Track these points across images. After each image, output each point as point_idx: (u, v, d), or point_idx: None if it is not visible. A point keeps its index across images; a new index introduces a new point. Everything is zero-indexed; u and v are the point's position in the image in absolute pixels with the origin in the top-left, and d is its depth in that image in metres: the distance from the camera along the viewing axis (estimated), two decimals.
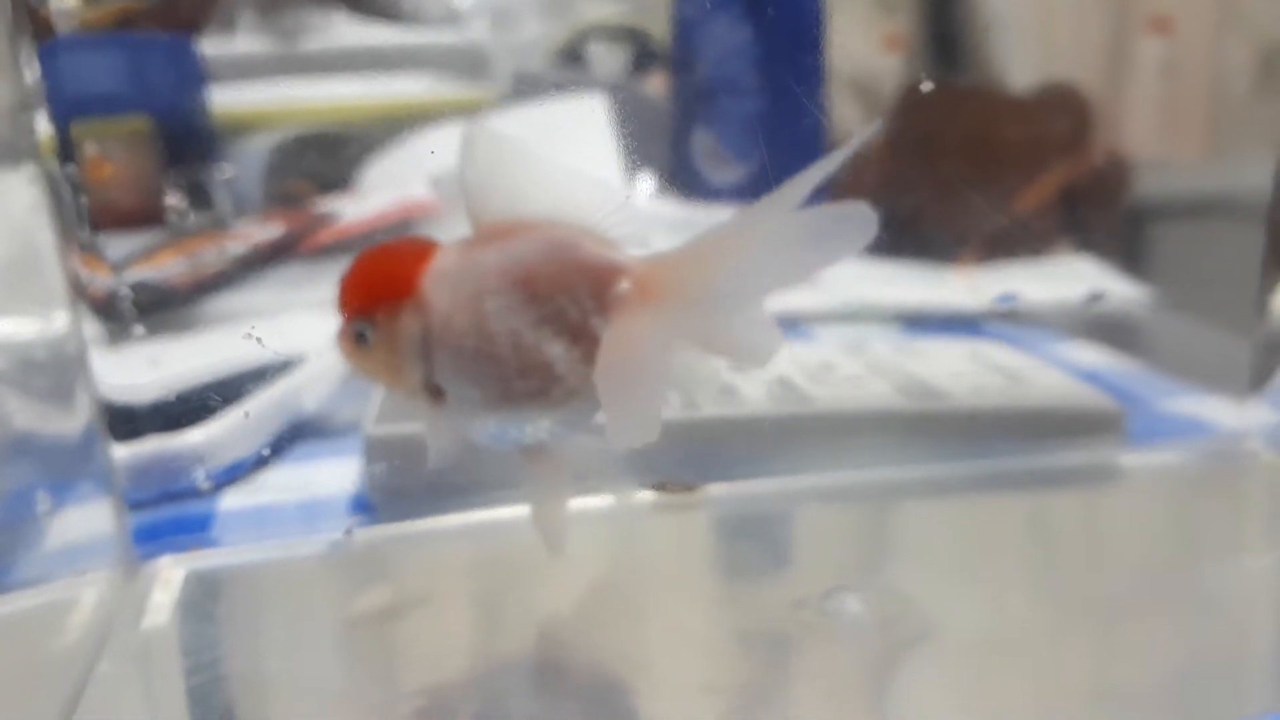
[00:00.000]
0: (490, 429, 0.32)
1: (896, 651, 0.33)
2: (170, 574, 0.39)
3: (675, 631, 0.35)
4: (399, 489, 0.43)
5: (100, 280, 0.43)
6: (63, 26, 0.44)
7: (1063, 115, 0.70)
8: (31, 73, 0.38)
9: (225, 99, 0.60)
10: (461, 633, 0.37)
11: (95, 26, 0.53)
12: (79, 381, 0.38)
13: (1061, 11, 0.77)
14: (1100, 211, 0.67)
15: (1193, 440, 0.48)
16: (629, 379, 0.29)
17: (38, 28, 0.38)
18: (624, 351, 0.29)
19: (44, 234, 0.38)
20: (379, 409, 0.44)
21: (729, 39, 0.68)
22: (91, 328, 0.40)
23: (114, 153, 0.52)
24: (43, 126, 0.39)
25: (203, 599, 0.38)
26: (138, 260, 0.51)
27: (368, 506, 0.43)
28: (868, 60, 0.74)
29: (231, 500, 0.44)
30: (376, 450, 0.43)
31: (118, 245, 0.47)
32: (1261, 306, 0.47)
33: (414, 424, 0.34)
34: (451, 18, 0.72)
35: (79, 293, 0.39)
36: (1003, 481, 0.44)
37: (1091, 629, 0.34)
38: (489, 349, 0.30)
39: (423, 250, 0.31)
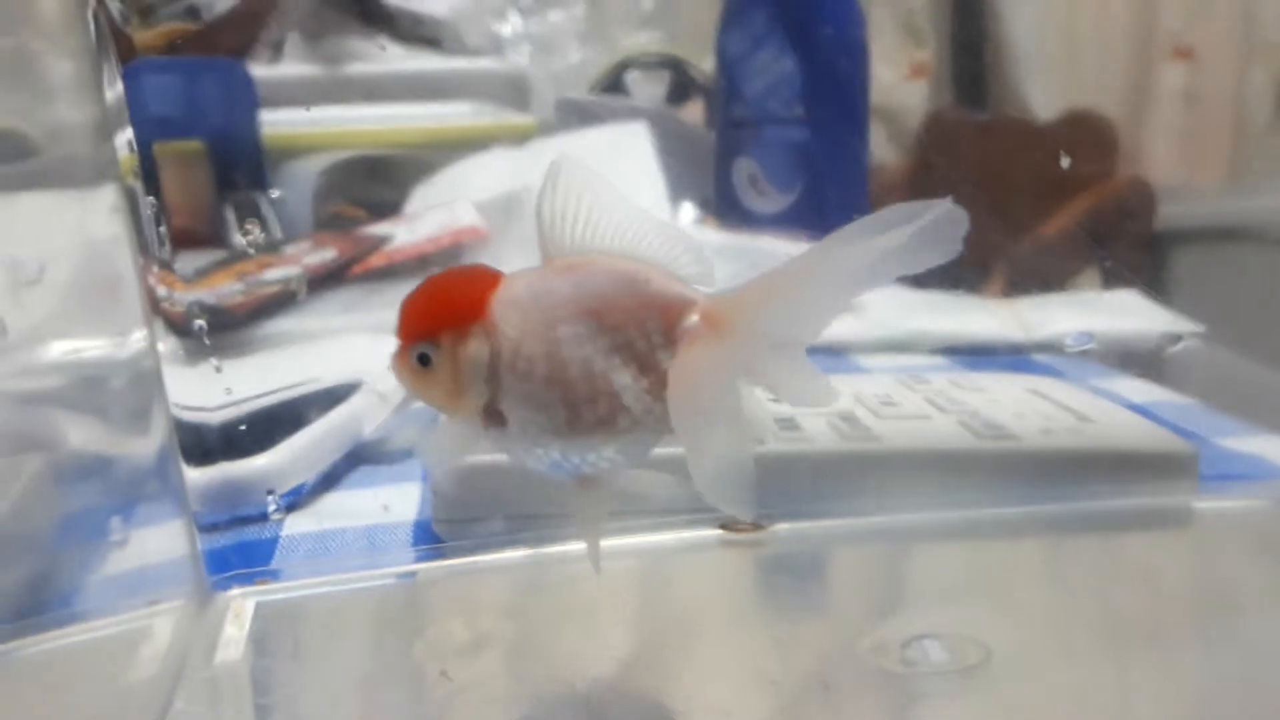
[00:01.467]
0: (552, 456, 0.32)
1: (963, 693, 0.33)
2: (241, 605, 0.38)
3: (738, 671, 0.35)
4: (464, 517, 0.42)
5: (178, 297, 0.42)
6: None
7: (1087, 142, 0.70)
8: (114, 93, 0.38)
9: (275, 122, 0.60)
10: (531, 670, 0.36)
11: (146, 51, 0.52)
12: (155, 402, 0.38)
13: (1086, 40, 0.78)
14: (1126, 238, 0.67)
15: (1268, 484, 0.48)
16: (699, 411, 0.30)
17: (122, 49, 0.38)
18: (691, 383, 0.30)
19: (123, 253, 0.37)
20: None
21: (772, 69, 0.69)
22: (166, 346, 0.40)
23: (168, 176, 0.52)
24: (121, 146, 0.39)
25: (274, 633, 0.37)
26: (192, 283, 0.51)
27: (432, 535, 0.43)
28: (894, 88, 0.74)
29: (295, 526, 0.43)
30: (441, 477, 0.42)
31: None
32: None
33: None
34: (495, 45, 0.72)
35: (155, 311, 0.39)
36: (1075, 523, 0.44)
37: (1164, 674, 0.34)
38: (559, 376, 0.30)
39: (489, 277, 0.31)
